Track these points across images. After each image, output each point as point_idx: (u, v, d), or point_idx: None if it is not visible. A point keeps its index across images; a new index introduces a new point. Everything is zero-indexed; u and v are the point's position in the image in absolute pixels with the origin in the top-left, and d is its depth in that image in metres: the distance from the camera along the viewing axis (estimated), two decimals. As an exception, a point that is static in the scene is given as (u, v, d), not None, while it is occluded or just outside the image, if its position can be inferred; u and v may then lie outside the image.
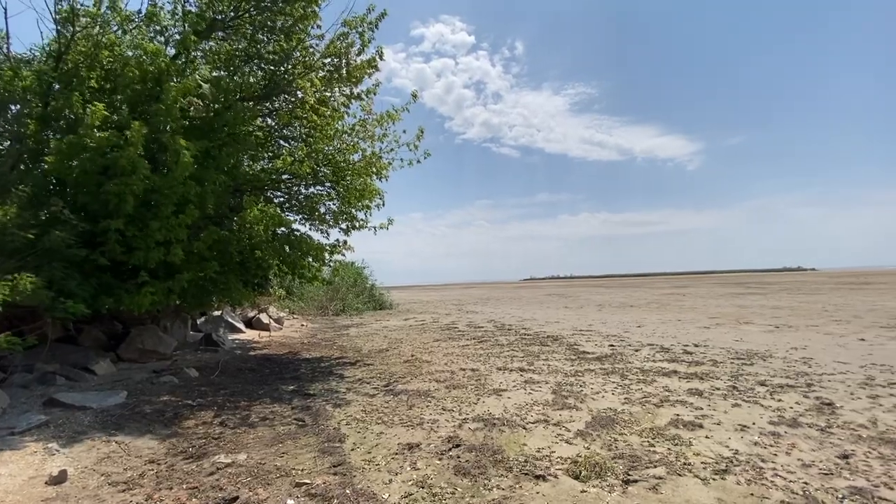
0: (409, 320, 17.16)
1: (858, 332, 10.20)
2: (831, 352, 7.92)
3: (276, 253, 7.74)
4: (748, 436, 4.00)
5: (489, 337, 11.36)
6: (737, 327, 11.88)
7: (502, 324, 14.72)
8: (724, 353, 8.07)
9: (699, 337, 10.30)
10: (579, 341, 10.16)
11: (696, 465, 3.41)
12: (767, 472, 3.26)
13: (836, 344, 8.73)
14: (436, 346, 10.13)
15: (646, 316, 15.91)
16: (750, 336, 10.19)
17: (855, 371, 6.39)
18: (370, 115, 8.93)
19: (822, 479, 3.12)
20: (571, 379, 6.40)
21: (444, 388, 6.08)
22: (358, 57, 7.91)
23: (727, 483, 3.11)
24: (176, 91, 5.86)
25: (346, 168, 8.19)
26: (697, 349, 8.64)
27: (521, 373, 6.93)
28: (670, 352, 8.42)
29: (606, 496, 2.99)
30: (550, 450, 3.81)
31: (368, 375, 7.18)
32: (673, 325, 12.73)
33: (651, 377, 6.38)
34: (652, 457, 3.58)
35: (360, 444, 4.10)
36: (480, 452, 3.76)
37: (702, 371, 6.66)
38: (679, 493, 2.98)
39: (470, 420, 4.69)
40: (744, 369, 6.71)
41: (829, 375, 6.18)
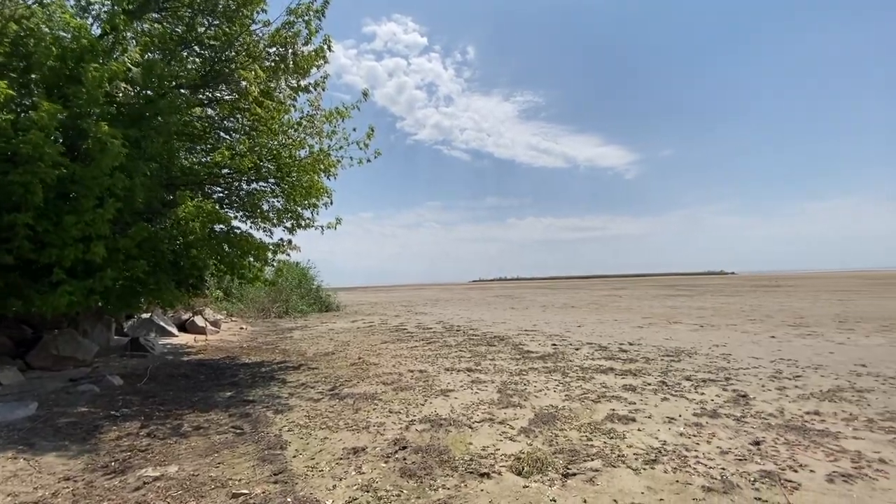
0: (357, 322, 16.85)
1: (770, 330, 11.31)
2: (747, 348, 8.72)
3: (214, 252, 7.31)
4: (675, 427, 4.31)
5: (438, 338, 11.40)
6: (667, 326, 12.77)
7: (451, 325, 14.83)
8: (656, 351, 8.64)
9: (633, 336, 10.95)
10: (524, 341, 10.46)
11: (629, 456, 3.63)
12: (691, 460, 3.53)
13: (750, 341, 9.62)
14: (384, 348, 10.02)
15: (586, 316, 16.68)
16: (678, 335, 10.98)
17: (766, 366, 7.08)
18: (318, 110, 8.68)
19: (738, 465, 3.43)
20: (516, 378, 6.58)
21: (392, 391, 6.03)
22: (305, 47, 7.67)
23: (656, 472, 3.33)
24: (101, 73, 5.37)
25: (291, 164, 7.89)
26: (632, 347, 9.19)
27: (469, 373, 7.02)
28: (607, 350, 8.89)
29: (547, 490, 3.10)
30: (495, 448, 3.89)
31: (313, 379, 6.96)
32: (610, 325, 13.45)
33: (590, 374, 6.70)
34: (589, 450, 3.76)
35: (302, 451, 3.97)
36: (427, 453, 3.77)
37: (635, 368, 7.09)
38: (613, 484, 3.16)
39: (417, 421, 4.69)
40: (672, 366, 7.23)
41: (744, 370, 6.80)
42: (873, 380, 5.98)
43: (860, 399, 5.11)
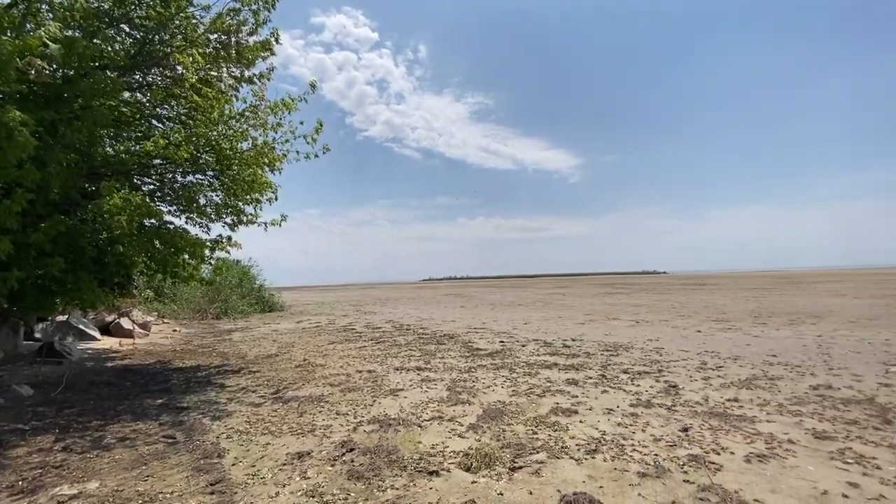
0: (303, 323, 16.29)
1: (696, 325, 12.25)
2: (677, 342, 9.39)
3: (143, 248, 6.76)
4: (613, 418, 4.55)
5: (387, 337, 11.29)
6: (606, 323, 13.47)
7: (401, 324, 14.74)
8: (596, 346, 9.08)
9: (576, 332, 11.44)
10: (473, 339, 10.60)
11: (572, 447, 3.78)
12: (627, 448, 3.74)
13: (680, 335, 10.37)
14: (331, 348, 9.77)
15: (532, 314, 17.21)
16: (616, 330, 11.61)
17: (693, 358, 7.66)
18: (263, 101, 8.28)
19: (668, 450, 3.68)
20: (465, 375, 6.66)
21: (339, 392, 5.89)
22: (250, 37, 7.28)
23: (596, 461, 3.50)
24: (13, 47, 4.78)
25: (232, 156, 7.46)
26: (574, 343, 9.60)
27: (418, 372, 7.01)
28: (552, 346, 9.22)
29: (495, 484, 3.16)
30: (444, 445, 3.91)
31: (254, 383, 6.65)
32: (555, 322, 13.97)
33: (535, 370, 6.91)
34: (535, 443, 3.88)
35: (242, 458, 3.78)
36: (375, 454, 3.71)
37: (577, 363, 7.41)
38: (557, 475, 3.28)
39: (365, 422, 4.61)
40: (611, 360, 7.63)
41: (674, 362, 7.32)
42: (783, 368, 6.65)
43: (772, 386, 5.67)
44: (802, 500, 2.84)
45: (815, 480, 3.10)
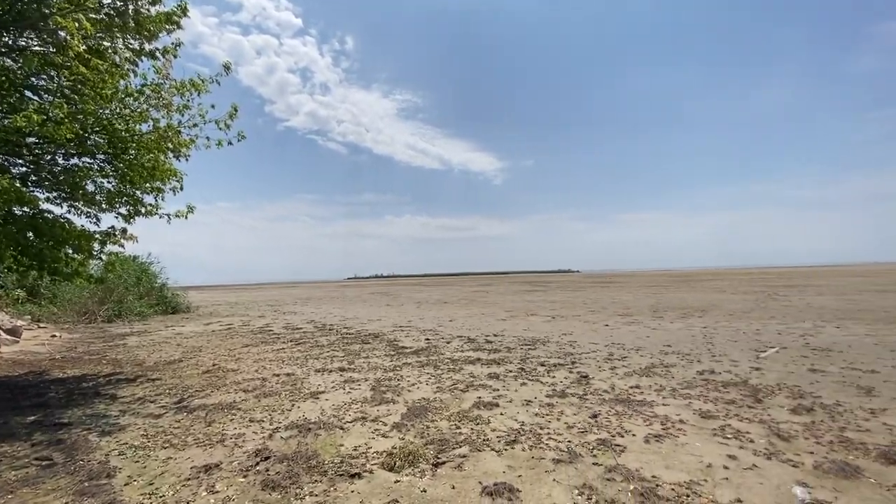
0: (213, 325, 15.05)
1: (605, 319, 13.30)
2: (587, 335, 10.11)
3: (11, 240, 5.80)
4: (532, 409, 4.77)
5: (308, 338, 10.81)
6: (525, 319, 14.12)
7: (323, 324, 14.21)
8: (516, 341, 9.48)
9: (498, 328, 11.86)
10: (399, 337, 10.53)
11: (493, 439, 3.90)
12: (544, 436, 3.94)
13: (590, 329, 11.18)
14: (245, 352, 9.13)
15: (457, 311, 17.53)
16: (535, 325, 12.23)
17: (602, 349, 8.29)
18: (167, 79, 7.48)
19: (580, 436, 3.94)
20: (390, 374, 6.58)
21: (254, 398, 5.52)
22: (152, 6, 6.54)
23: (515, 451, 3.64)
24: None
25: (129, 139, 6.65)
26: (496, 338, 9.93)
27: (341, 372, 6.80)
28: (475, 342, 9.46)
29: (418, 482, 3.15)
30: (367, 446, 3.83)
31: (153, 392, 6.00)
32: (478, 319, 14.36)
33: (459, 366, 7.04)
34: (458, 438, 3.94)
35: (138, 476, 3.39)
36: (293, 461, 3.53)
37: (499, 357, 7.68)
38: (479, 467, 3.36)
39: (282, 428, 4.36)
40: (530, 353, 8.01)
41: (586, 354, 7.87)
42: (676, 357, 7.44)
43: (667, 373, 6.32)
44: (691, 473, 3.19)
45: (701, 455, 3.50)
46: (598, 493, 2.92)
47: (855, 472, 3.13)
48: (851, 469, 3.18)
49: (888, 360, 6.70)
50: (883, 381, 5.58)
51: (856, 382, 5.55)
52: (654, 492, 2.91)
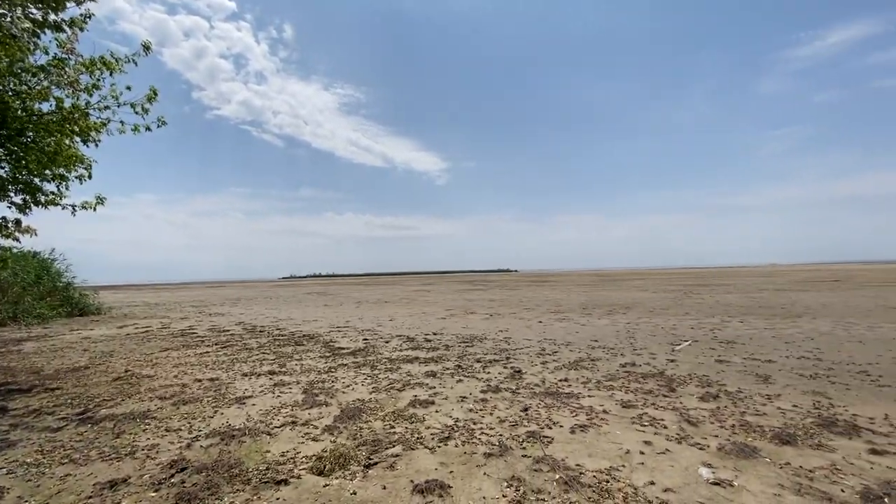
0: (127, 328, 13.75)
1: (539, 316, 13.83)
2: (522, 332, 10.45)
3: None
4: (466, 405, 4.84)
5: (236, 341, 10.20)
6: (465, 317, 14.33)
7: (254, 325, 13.48)
8: (455, 339, 9.58)
9: (438, 326, 11.92)
10: (336, 338, 10.25)
11: (427, 437, 3.90)
12: (477, 431, 4.01)
13: (525, 326, 11.57)
14: (163, 356, 8.42)
15: (398, 310, 17.40)
16: (473, 323, 12.44)
17: (535, 345, 8.61)
18: (74, 55, 6.70)
19: (511, 430, 4.05)
20: (324, 376, 6.38)
21: (171, 406, 5.10)
22: (55, -27, 5.82)
23: (448, 448, 3.67)
24: None
25: (25, 119, 5.89)
26: (436, 337, 9.98)
27: (271, 376, 6.48)
28: (414, 341, 9.44)
29: (349, 484, 3.07)
30: (296, 451, 3.67)
31: (52, 403, 5.36)
32: (418, 318, 14.35)
33: (397, 365, 6.98)
34: (392, 437, 3.89)
35: (30, 497, 3.00)
36: (213, 471, 3.30)
37: (437, 355, 7.71)
38: (412, 466, 3.34)
39: (203, 437, 4.07)
40: (467, 351, 8.13)
41: (520, 350, 8.12)
42: (601, 351, 7.90)
43: (593, 366, 6.68)
44: (611, 460, 3.39)
45: (621, 443, 3.73)
46: (526, 483, 3.01)
47: (753, 453, 3.48)
48: (750, 450, 3.54)
49: (783, 351, 7.56)
50: (778, 369, 6.28)
51: (755, 371, 6.20)
52: (578, 480, 3.05)
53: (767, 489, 2.89)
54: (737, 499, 2.79)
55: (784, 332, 9.62)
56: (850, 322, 10.82)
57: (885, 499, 2.74)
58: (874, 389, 5.17)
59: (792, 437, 3.76)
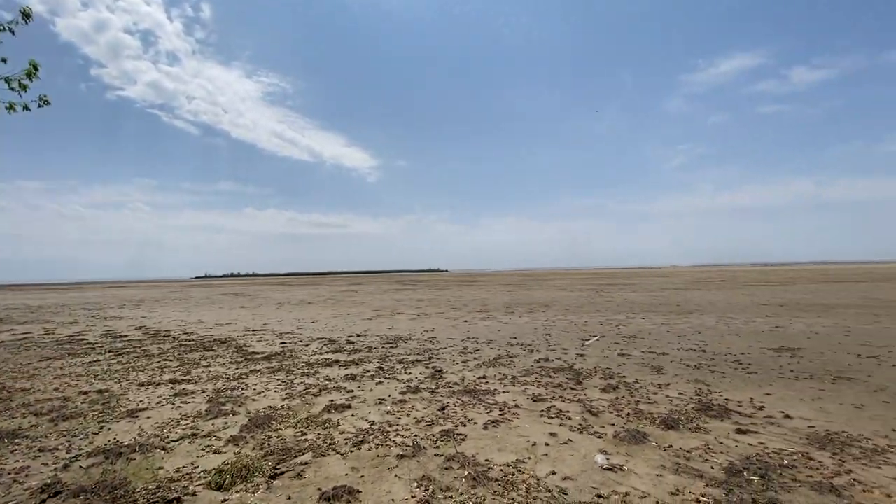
0: (2, 334, 11.88)
1: (464, 316, 14.13)
2: (447, 332, 10.62)
3: None
4: (384, 407, 4.81)
5: (134, 348, 9.23)
6: (392, 317, 14.23)
7: (157, 330, 12.29)
8: (379, 340, 9.48)
9: (363, 328, 11.71)
10: (251, 342, 9.66)
11: (340, 442, 3.81)
12: (392, 433, 4.00)
13: (450, 325, 11.77)
14: (43, 367, 7.39)
15: (322, 312, 16.83)
16: (399, 324, 12.39)
17: (458, 344, 8.78)
18: (-80, 15, 5.64)
19: (426, 429, 4.09)
20: (234, 383, 5.99)
21: (48, 422, 4.50)
22: None
23: (361, 451, 3.62)
24: None
25: None
26: (359, 339, 9.79)
27: (173, 385, 5.95)
28: (336, 343, 9.19)
29: (250, 497, 2.91)
30: (194, 465, 3.41)
31: None
32: (343, 319, 13.99)
33: (315, 369, 6.75)
34: (302, 445, 3.75)
35: None
36: (93, 493, 2.96)
37: (359, 358, 7.58)
38: (321, 473, 3.24)
39: (84, 456, 3.63)
40: (390, 352, 8.08)
41: (443, 349, 8.24)
42: (520, 348, 8.26)
43: (510, 363, 6.96)
44: (519, 453, 3.55)
45: (528, 436, 3.92)
46: (436, 482, 3.06)
47: (643, 438, 3.84)
48: (640, 435, 3.89)
49: (675, 344, 8.41)
50: (670, 361, 6.97)
51: (651, 363, 6.83)
52: (486, 474, 3.16)
53: (651, 471, 3.21)
54: (625, 482, 3.05)
55: (677, 326, 10.73)
56: (730, 317, 12.35)
57: (744, 472, 3.15)
58: (744, 376, 5.95)
59: (676, 421, 4.20)
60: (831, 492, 2.84)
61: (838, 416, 4.32)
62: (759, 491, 2.86)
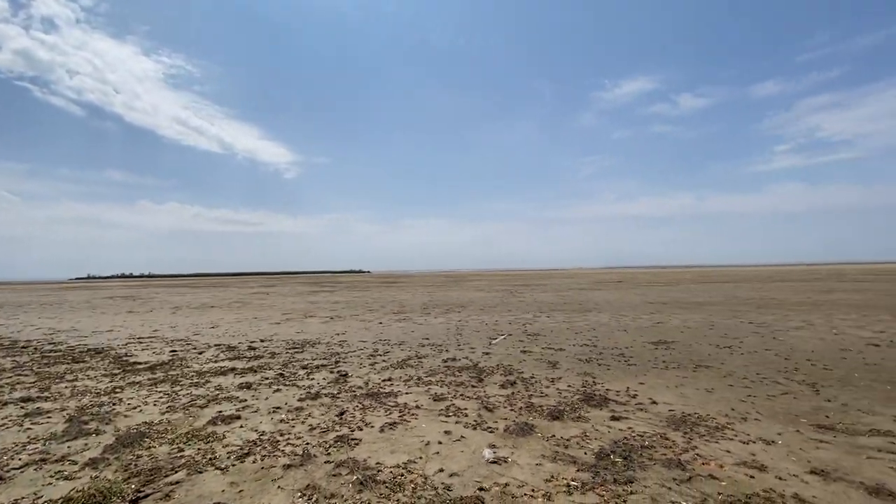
0: None
1: (380, 318, 13.97)
2: (360, 334, 10.41)
3: None
4: (277, 416, 4.57)
5: (-21, 361, 7.80)
6: (303, 320, 13.63)
7: (15, 340, 10.52)
8: (284, 345, 9.01)
9: (269, 332, 11.06)
10: (133, 351, 8.66)
11: (222, 456, 3.55)
12: (282, 443, 3.81)
13: (364, 328, 11.56)
14: None
15: (224, 316, 15.61)
16: (310, 327, 11.90)
17: (369, 347, 8.65)
18: None
19: (320, 436, 3.96)
20: (104, 398, 5.31)
21: None
22: None
23: (245, 465, 3.40)
24: None
25: None
26: (263, 344, 9.23)
27: (24, 404, 5.12)
28: (236, 350, 8.57)
29: (104, 527, 2.60)
30: (36, 496, 2.96)
31: None
32: (248, 323, 13.10)
33: (206, 379, 6.23)
34: (176, 462, 3.43)
35: None
36: None
37: (259, 364, 7.14)
38: (193, 491, 2.99)
39: None
40: (295, 357, 7.72)
41: (353, 352, 8.06)
42: (430, 348, 8.35)
43: (419, 363, 7.01)
44: (411, 454, 3.58)
45: (423, 435, 3.97)
46: (321, 490, 2.97)
47: (530, 430, 4.06)
48: (528, 428, 4.12)
49: (572, 340, 9.07)
50: (565, 356, 7.49)
51: (548, 359, 7.29)
52: (374, 478, 3.13)
53: (532, 461, 3.41)
54: (507, 473, 3.21)
55: (576, 324, 11.60)
56: (622, 314, 13.63)
57: (611, 455, 3.48)
58: (625, 367, 6.59)
59: (561, 412, 4.52)
60: (678, 466, 3.24)
61: (694, 399, 4.96)
62: (621, 471, 3.18)
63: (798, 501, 2.77)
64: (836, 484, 2.99)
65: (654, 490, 2.91)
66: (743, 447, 3.60)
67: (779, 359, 6.99)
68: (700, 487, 2.94)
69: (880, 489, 2.90)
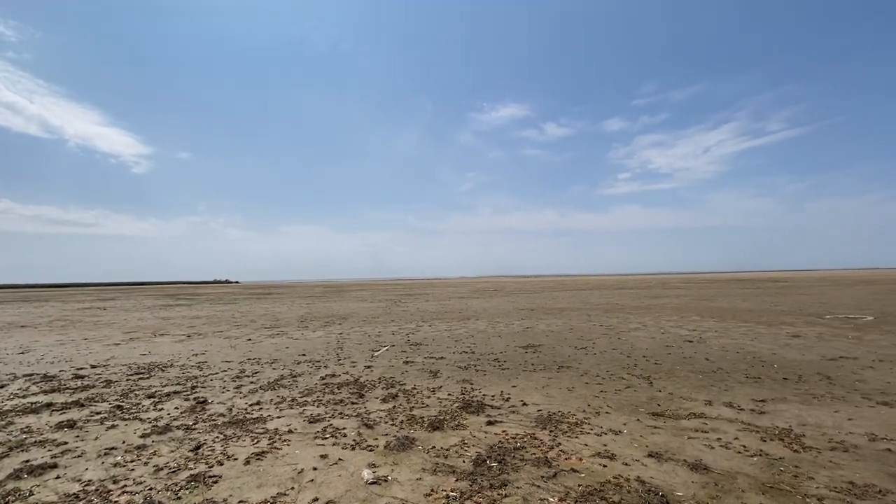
0: None
1: (249, 333, 12.70)
2: (223, 353, 9.31)
3: None
4: (111, 458, 3.79)
5: None
6: (151, 340, 11.70)
7: None
8: (124, 371, 7.61)
9: (104, 356, 9.24)
10: None
11: (25, 521, 2.80)
12: (115, 492, 3.16)
13: (229, 346, 10.37)
14: None
15: (41, 338, 12.63)
16: (160, 348, 10.27)
17: (235, 367, 7.77)
18: None
19: (169, 478, 3.39)
20: None
21: None
22: None
23: (59, 528, 2.73)
24: None
25: None
26: (95, 371, 7.66)
27: None
28: (55, 380, 6.96)
29: None
30: None
31: None
32: (74, 346, 10.78)
33: (8, 420, 4.92)
34: (-50, 540, 2.61)
35: None
36: None
37: (87, 396, 5.89)
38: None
39: None
40: (138, 384, 6.56)
41: (214, 375, 7.15)
42: (307, 365, 7.83)
43: (293, 383, 6.51)
44: (282, 485, 3.26)
45: (296, 463, 3.66)
46: (167, 545, 2.52)
47: (411, 444, 4.02)
48: (409, 442, 4.07)
49: (453, 348, 9.33)
50: (446, 364, 7.66)
51: (430, 368, 7.37)
52: (236, 519, 2.77)
53: (413, 476, 3.37)
54: (387, 492, 3.12)
55: (457, 332, 12.02)
56: (497, 321, 14.54)
57: (487, 461, 3.61)
58: (499, 372, 6.99)
59: (441, 422, 4.58)
60: (545, 464, 3.50)
61: (557, 398, 5.46)
62: (496, 475, 3.32)
63: (640, 483, 3.19)
64: (667, 464, 3.53)
65: (526, 490, 3.09)
66: (597, 439, 4.06)
67: (623, 356, 8.12)
68: (563, 482, 3.21)
69: (699, 465, 3.50)
